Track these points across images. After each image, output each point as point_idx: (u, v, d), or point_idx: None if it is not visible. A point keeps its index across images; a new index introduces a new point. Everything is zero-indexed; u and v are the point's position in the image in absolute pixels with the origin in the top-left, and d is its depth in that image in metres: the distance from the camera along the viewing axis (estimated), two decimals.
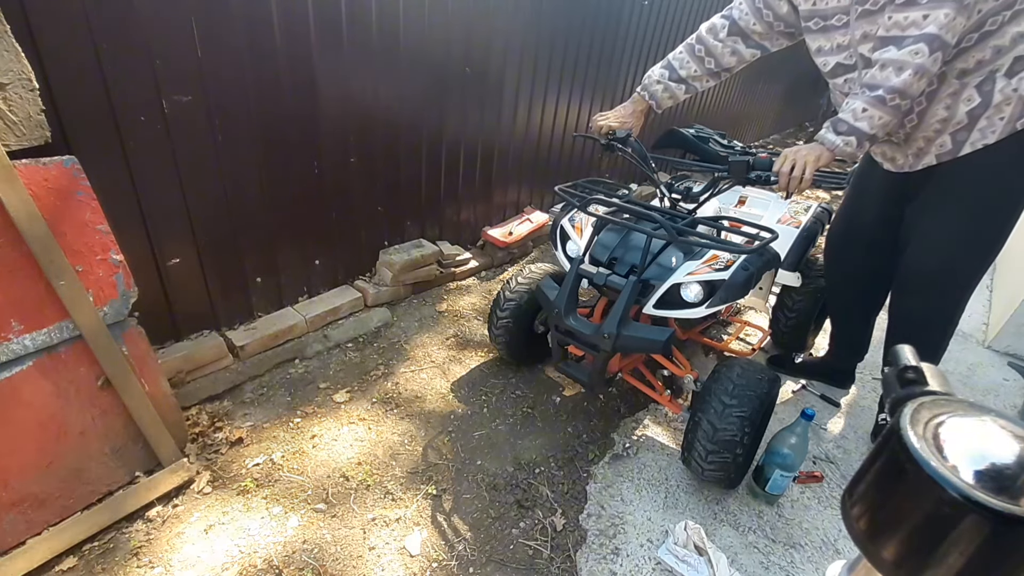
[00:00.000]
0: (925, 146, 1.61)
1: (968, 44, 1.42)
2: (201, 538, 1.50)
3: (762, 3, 1.73)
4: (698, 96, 4.81)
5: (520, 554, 1.55)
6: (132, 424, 1.51)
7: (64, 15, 1.39)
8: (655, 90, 1.89)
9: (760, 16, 1.75)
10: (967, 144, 1.52)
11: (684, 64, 1.87)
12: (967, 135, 1.51)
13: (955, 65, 1.46)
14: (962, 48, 1.43)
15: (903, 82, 1.34)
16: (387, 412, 2.00)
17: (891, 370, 0.54)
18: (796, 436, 1.64)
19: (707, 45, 1.83)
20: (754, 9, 1.76)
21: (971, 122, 1.50)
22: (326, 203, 2.27)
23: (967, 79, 1.46)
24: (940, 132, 1.55)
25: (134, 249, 1.69)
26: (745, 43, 1.82)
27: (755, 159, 1.53)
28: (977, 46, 1.41)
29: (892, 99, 1.37)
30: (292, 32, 1.87)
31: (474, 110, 2.75)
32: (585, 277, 1.70)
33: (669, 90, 1.89)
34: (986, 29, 1.39)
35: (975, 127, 1.49)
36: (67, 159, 1.26)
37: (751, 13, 1.76)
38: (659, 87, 1.89)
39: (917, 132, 1.59)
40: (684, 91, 1.90)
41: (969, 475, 0.39)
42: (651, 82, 1.90)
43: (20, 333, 1.25)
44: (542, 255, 3.43)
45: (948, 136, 1.54)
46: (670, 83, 1.88)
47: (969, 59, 1.44)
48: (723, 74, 1.90)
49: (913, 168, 1.67)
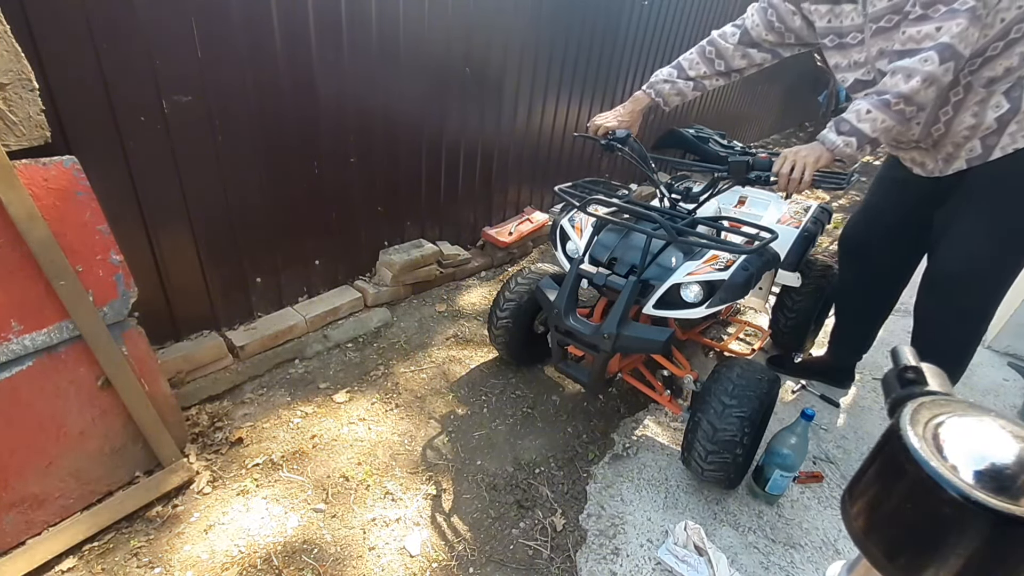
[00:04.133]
0: (954, 151, 1.61)
1: (994, 52, 1.43)
2: (201, 538, 1.50)
3: (774, 16, 1.73)
4: (698, 96, 4.81)
5: (520, 554, 1.55)
6: (132, 424, 1.51)
7: (64, 15, 1.39)
8: (661, 88, 1.89)
9: (771, 28, 1.75)
10: (997, 149, 1.52)
11: (694, 65, 1.87)
12: (997, 139, 1.52)
13: (982, 74, 1.46)
14: (988, 56, 1.44)
15: (910, 88, 1.35)
16: (387, 412, 2.00)
17: (891, 370, 0.54)
18: (796, 436, 1.64)
19: (718, 47, 1.84)
20: (765, 21, 1.75)
21: (1000, 127, 1.50)
22: (326, 203, 2.27)
23: (995, 86, 1.47)
24: (969, 138, 1.55)
25: (134, 249, 1.70)
26: (757, 49, 1.82)
27: (755, 159, 1.53)
28: (1003, 54, 1.42)
29: (897, 104, 1.37)
30: (292, 32, 1.87)
31: (474, 110, 2.75)
32: (585, 277, 1.70)
33: (676, 87, 1.89)
34: (1011, 37, 1.40)
35: (1005, 132, 1.49)
36: (67, 159, 1.26)
37: (762, 25, 1.76)
38: (666, 85, 1.89)
39: (945, 139, 1.59)
40: (692, 88, 1.90)
41: (969, 475, 0.39)
42: (658, 80, 1.90)
43: (20, 333, 1.25)
44: (542, 255, 3.43)
45: (977, 141, 1.55)
46: (678, 81, 1.88)
47: (996, 67, 1.44)
48: (733, 75, 1.90)
49: (943, 173, 1.66)
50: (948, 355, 1.78)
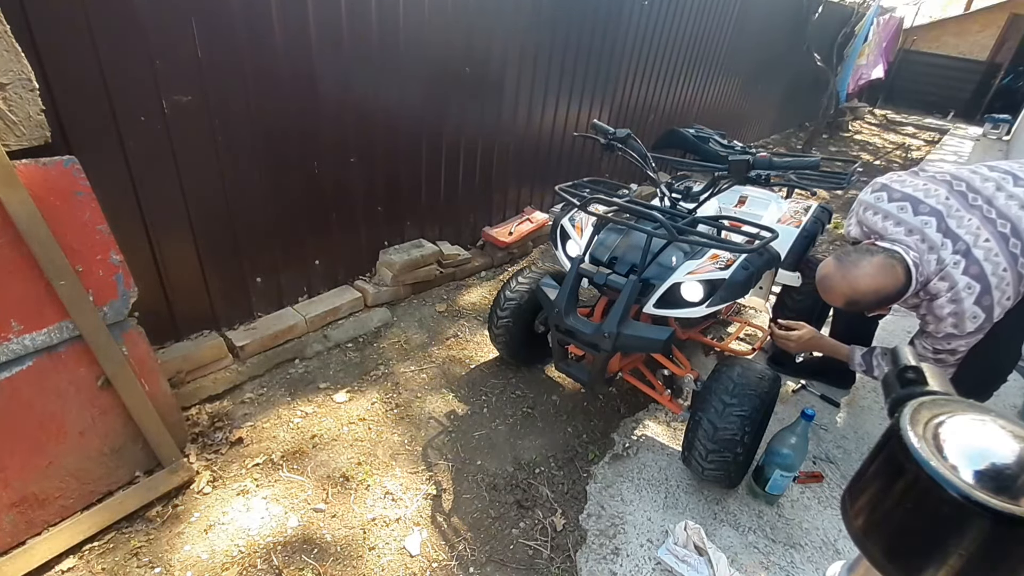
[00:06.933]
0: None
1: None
2: (201, 538, 1.50)
3: None
4: (698, 96, 4.81)
5: (520, 554, 1.55)
6: (132, 424, 1.51)
7: (64, 15, 1.39)
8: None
9: None
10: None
11: None
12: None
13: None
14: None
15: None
16: (387, 412, 2.00)
17: (891, 370, 0.54)
18: (796, 436, 1.64)
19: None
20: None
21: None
22: (326, 203, 2.27)
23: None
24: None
25: (134, 249, 1.69)
26: None
27: (755, 158, 1.53)
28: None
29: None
30: (292, 32, 1.87)
31: (474, 110, 2.75)
32: (585, 276, 1.70)
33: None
34: None
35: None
36: (67, 159, 1.26)
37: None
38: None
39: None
40: None
41: (969, 475, 0.39)
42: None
43: (20, 333, 1.25)
44: (542, 255, 3.43)
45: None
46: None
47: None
48: None
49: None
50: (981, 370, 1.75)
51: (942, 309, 1.49)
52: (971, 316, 1.45)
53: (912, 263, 1.46)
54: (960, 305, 1.45)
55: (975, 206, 1.50)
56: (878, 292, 1.48)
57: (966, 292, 1.44)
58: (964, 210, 1.50)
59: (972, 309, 1.45)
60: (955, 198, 1.52)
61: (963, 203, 1.51)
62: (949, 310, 1.48)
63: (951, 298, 1.46)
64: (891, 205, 1.58)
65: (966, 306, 1.45)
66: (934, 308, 1.51)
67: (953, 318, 1.48)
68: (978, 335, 1.50)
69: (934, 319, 1.53)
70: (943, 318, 1.50)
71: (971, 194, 1.52)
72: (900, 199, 1.57)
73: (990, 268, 1.43)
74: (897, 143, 8.42)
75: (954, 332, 1.50)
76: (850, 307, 1.55)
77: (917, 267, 1.47)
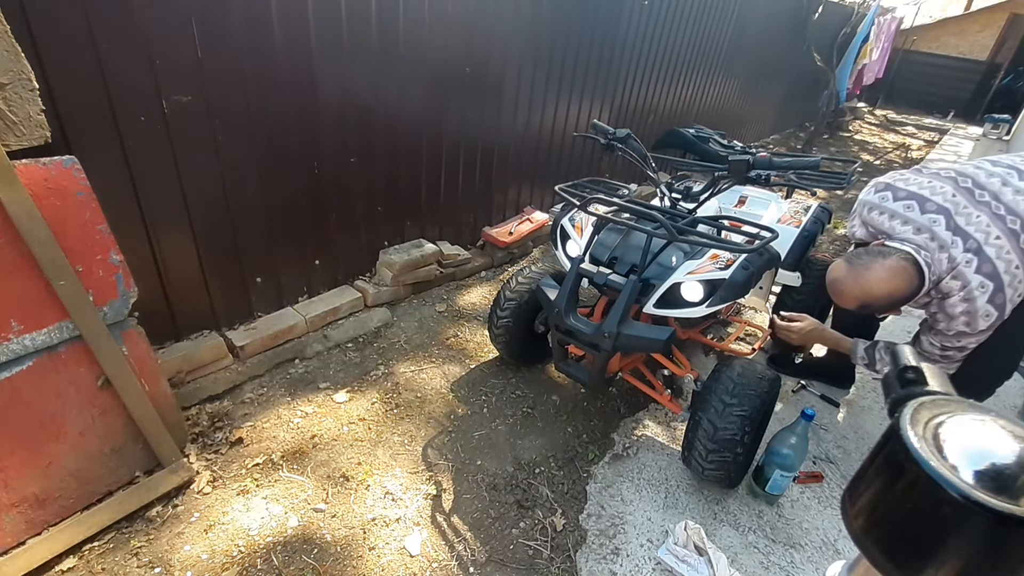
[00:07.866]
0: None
1: None
2: (201, 538, 1.50)
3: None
4: (698, 96, 4.81)
5: (520, 554, 1.55)
6: (132, 424, 1.51)
7: (64, 15, 1.39)
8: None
9: None
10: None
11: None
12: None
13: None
14: None
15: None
16: (387, 412, 2.00)
17: (891, 370, 0.54)
18: (796, 436, 1.64)
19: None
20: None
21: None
22: (326, 203, 2.27)
23: None
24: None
25: (134, 249, 1.69)
26: None
27: (755, 158, 1.53)
28: None
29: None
30: (292, 32, 1.87)
31: (474, 110, 2.75)
32: (585, 276, 1.70)
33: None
34: None
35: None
36: (67, 159, 1.26)
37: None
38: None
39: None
40: None
41: (969, 475, 0.39)
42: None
43: (20, 333, 1.25)
44: (542, 255, 3.43)
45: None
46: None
47: None
48: None
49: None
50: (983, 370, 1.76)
51: (954, 308, 1.48)
52: (984, 314, 1.45)
53: (924, 263, 1.45)
54: (973, 304, 1.44)
55: (982, 202, 1.49)
56: (891, 295, 1.47)
57: (979, 291, 1.43)
58: (972, 207, 1.49)
59: (985, 307, 1.44)
60: (961, 195, 1.51)
61: (970, 200, 1.50)
62: (962, 308, 1.47)
63: (964, 297, 1.45)
64: (897, 204, 1.57)
65: (979, 304, 1.44)
66: (946, 307, 1.50)
67: (966, 316, 1.47)
68: (989, 332, 1.49)
69: (945, 317, 1.52)
70: (955, 316, 1.49)
71: (977, 190, 1.51)
72: (906, 197, 1.56)
73: (1003, 266, 1.42)
74: (897, 143, 8.42)
75: (966, 330, 1.50)
76: (862, 310, 1.54)
77: (929, 267, 1.45)
